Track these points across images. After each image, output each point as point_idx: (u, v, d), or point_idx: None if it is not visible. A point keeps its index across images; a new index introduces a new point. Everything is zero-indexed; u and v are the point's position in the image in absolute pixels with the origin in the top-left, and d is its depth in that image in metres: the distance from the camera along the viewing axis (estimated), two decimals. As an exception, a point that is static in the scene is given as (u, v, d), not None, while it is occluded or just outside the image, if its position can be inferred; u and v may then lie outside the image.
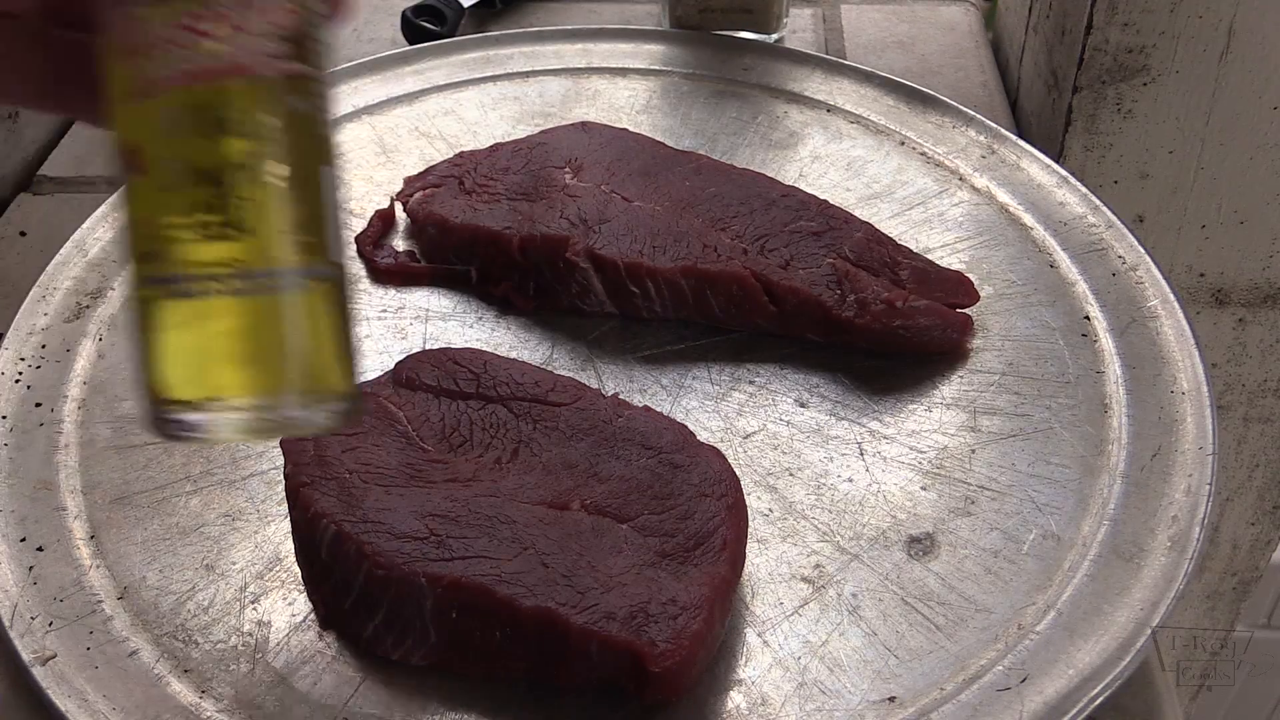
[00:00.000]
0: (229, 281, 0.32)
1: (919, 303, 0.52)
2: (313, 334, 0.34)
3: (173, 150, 0.33)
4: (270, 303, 0.33)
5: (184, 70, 0.32)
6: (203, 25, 0.32)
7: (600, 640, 0.39)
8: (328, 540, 0.42)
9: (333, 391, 0.34)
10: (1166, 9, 0.64)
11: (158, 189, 0.33)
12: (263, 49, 0.33)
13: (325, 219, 0.35)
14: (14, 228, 0.67)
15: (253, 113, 0.33)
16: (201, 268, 0.32)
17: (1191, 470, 0.47)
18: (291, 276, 0.33)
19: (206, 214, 0.32)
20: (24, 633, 0.42)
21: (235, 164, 0.32)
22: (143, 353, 0.33)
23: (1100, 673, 0.40)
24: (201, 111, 0.32)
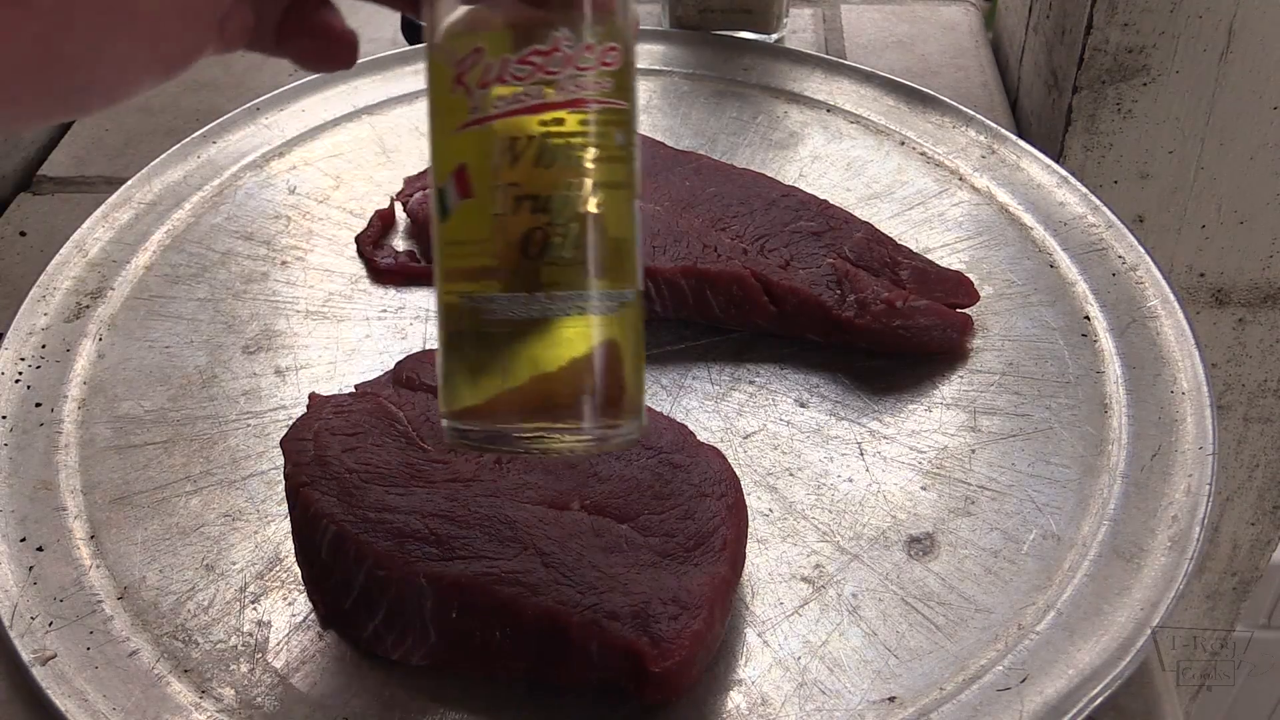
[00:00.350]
0: (547, 304, 0.34)
1: (919, 303, 0.52)
2: (621, 356, 0.36)
3: (503, 176, 0.34)
4: (587, 324, 0.35)
5: (525, 102, 0.34)
6: (545, 62, 0.34)
7: (600, 640, 0.39)
8: (328, 540, 0.42)
9: (633, 409, 0.36)
10: (1166, 9, 0.64)
11: (484, 212, 0.34)
12: (596, 85, 0.34)
13: (635, 246, 0.36)
14: (14, 228, 0.67)
15: (582, 145, 0.34)
16: (523, 290, 0.34)
17: (1191, 470, 0.47)
18: (606, 301, 0.35)
19: (531, 239, 0.34)
20: (24, 633, 0.42)
21: (562, 193, 0.34)
22: (453, 367, 0.36)
23: (1100, 673, 0.40)
24: (535, 141, 0.34)
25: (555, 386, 0.35)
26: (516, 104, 0.34)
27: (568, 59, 0.34)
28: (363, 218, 0.61)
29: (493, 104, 0.34)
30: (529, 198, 0.34)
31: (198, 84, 0.77)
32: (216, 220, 0.62)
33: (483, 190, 0.35)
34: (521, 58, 0.34)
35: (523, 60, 0.34)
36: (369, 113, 0.69)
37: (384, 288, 0.58)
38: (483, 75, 0.34)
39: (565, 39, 0.34)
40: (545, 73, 0.34)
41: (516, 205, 0.34)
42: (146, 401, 0.52)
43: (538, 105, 0.34)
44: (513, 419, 0.35)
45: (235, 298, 0.57)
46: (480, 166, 0.35)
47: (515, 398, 0.35)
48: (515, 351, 0.35)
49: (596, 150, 0.35)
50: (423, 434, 0.45)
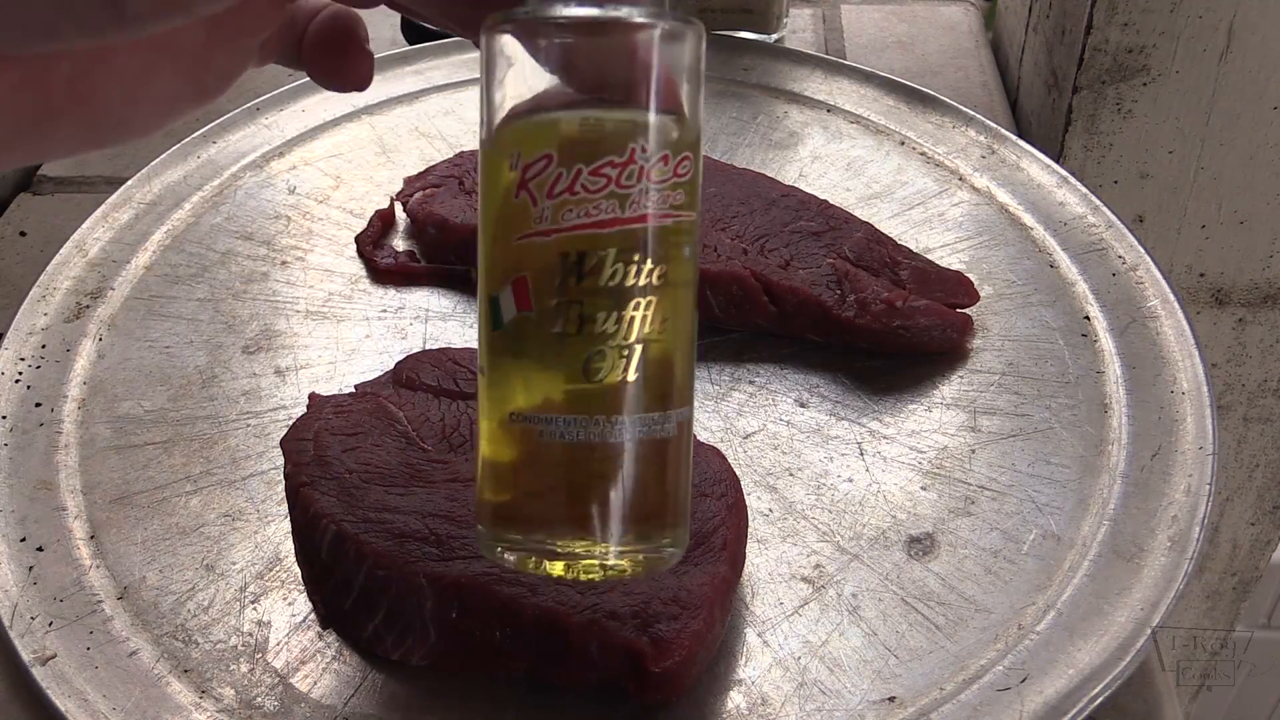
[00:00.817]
0: (607, 428, 0.32)
1: (919, 303, 0.52)
2: (678, 476, 0.34)
3: (568, 294, 0.32)
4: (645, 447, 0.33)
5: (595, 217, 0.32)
6: (619, 174, 0.32)
7: (600, 640, 0.39)
8: (328, 540, 0.42)
9: (683, 524, 0.35)
10: (1166, 9, 0.64)
11: (544, 329, 0.32)
12: (669, 199, 0.33)
13: (691, 363, 0.35)
14: (14, 228, 0.67)
15: (652, 263, 0.32)
16: (582, 413, 0.32)
17: (1191, 470, 0.47)
18: (665, 423, 0.33)
19: (593, 361, 0.32)
20: (24, 633, 0.42)
21: (629, 313, 0.32)
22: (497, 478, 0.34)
23: (1100, 673, 0.40)
24: (605, 258, 0.32)
25: (604, 506, 0.33)
26: (587, 219, 0.32)
27: (642, 172, 0.32)
28: (363, 218, 0.61)
29: (560, 216, 0.32)
30: (593, 318, 0.32)
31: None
32: (216, 220, 0.62)
33: (543, 306, 0.32)
34: (595, 169, 0.32)
35: (595, 172, 0.32)
36: (369, 113, 0.69)
37: (384, 288, 0.58)
38: (552, 185, 0.32)
39: (641, 149, 0.32)
40: (619, 185, 0.32)
41: (579, 324, 0.32)
42: (146, 401, 0.52)
43: (610, 221, 0.32)
44: (556, 532, 0.34)
45: (235, 298, 0.57)
46: (542, 280, 0.32)
47: (562, 512, 0.34)
48: (567, 469, 0.33)
49: (665, 266, 0.33)
50: (423, 434, 0.45)
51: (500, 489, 0.34)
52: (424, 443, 0.45)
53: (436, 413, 0.46)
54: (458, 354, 0.49)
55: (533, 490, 0.34)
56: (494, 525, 0.34)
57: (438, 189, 0.60)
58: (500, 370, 0.34)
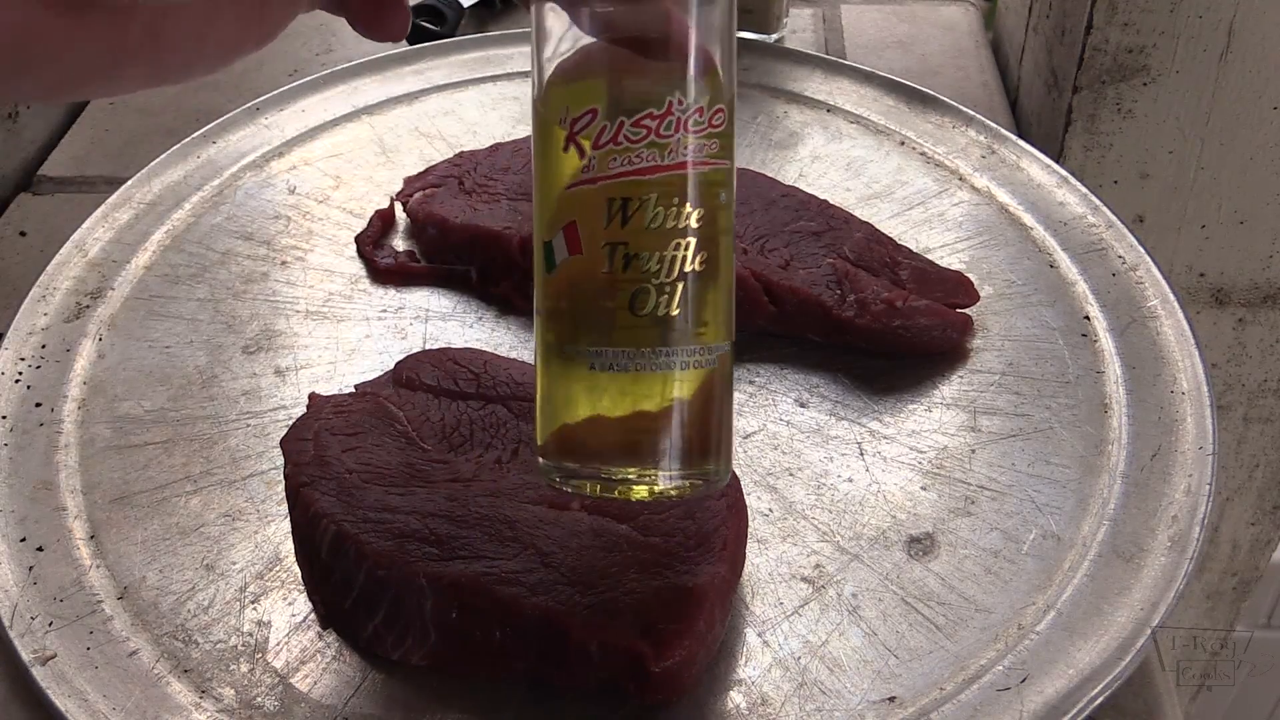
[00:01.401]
0: (652, 358, 0.36)
1: (919, 303, 0.52)
2: (717, 405, 0.37)
3: (614, 235, 0.35)
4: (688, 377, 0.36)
5: (638, 165, 0.35)
6: (658, 125, 0.35)
7: (600, 640, 0.39)
8: (328, 540, 0.42)
9: (725, 455, 0.38)
10: (1166, 9, 0.64)
11: (594, 269, 0.36)
12: (706, 147, 0.36)
13: (730, 300, 0.38)
14: (14, 228, 0.67)
15: (690, 206, 0.35)
16: (629, 345, 0.35)
17: (1191, 470, 0.47)
18: (706, 354, 0.37)
19: (638, 297, 0.35)
20: (24, 633, 0.42)
21: (670, 253, 0.35)
22: (556, 408, 0.37)
23: (1100, 673, 0.40)
24: (646, 202, 0.35)
25: (653, 433, 0.36)
26: (630, 166, 0.35)
27: (680, 123, 0.35)
28: (363, 218, 0.61)
29: (606, 165, 0.35)
30: (637, 257, 0.35)
31: (198, 84, 0.77)
32: (216, 220, 0.62)
33: (592, 248, 0.35)
34: (636, 120, 0.35)
35: (637, 123, 0.35)
36: (369, 113, 0.69)
37: (384, 288, 0.58)
38: (597, 136, 0.35)
39: (678, 102, 0.35)
40: (658, 135, 0.35)
41: (625, 263, 0.35)
42: (146, 401, 0.52)
43: (651, 168, 0.35)
44: (610, 459, 0.37)
45: (235, 298, 0.57)
46: (590, 225, 0.35)
47: (614, 440, 0.37)
48: (618, 399, 0.36)
49: (703, 210, 0.36)
50: (423, 434, 0.45)
51: (557, 420, 0.37)
52: (424, 443, 0.45)
53: (436, 413, 0.46)
54: (458, 354, 0.49)
55: (587, 419, 0.37)
56: (552, 455, 0.38)
57: (438, 189, 0.60)
58: (555, 309, 0.37)
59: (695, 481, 0.37)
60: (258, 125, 0.67)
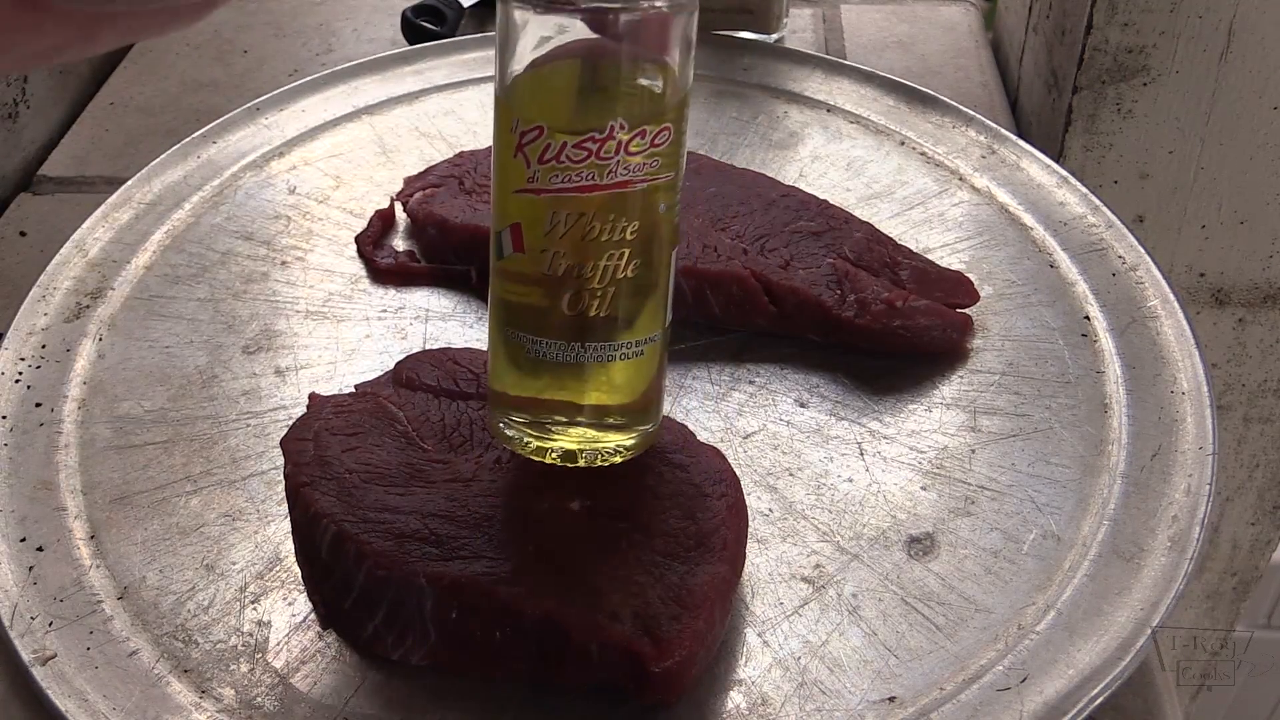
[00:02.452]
0: (582, 352, 0.39)
1: (919, 303, 0.52)
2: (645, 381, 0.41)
3: (551, 244, 0.38)
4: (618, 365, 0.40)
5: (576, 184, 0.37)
6: (599, 148, 0.36)
7: (600, 640, 0.39)
8: (328, 540, 0.42)
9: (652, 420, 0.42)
10: (1166, 9, 0.64)
11: (534, 268, 0.38)
12: (646, 166, 0.37)
13: (663, 296, 0.41)
14: (14, 228, 0.67)
15: (626, 220, 0.37)
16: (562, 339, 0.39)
17: (1191, 470, 0.47)
18: (636, 347, 0.40)
19: (572, 300, 0.38)
20: (24, 633, 0.42)
21: (603, 263, 0.38)
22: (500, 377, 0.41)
23: (1100, 673, 0.40)
24: (582, 219, 0.37)
25: (586, 412, 0.41)
26: (570, 184, 0.37)
27: (621, 145, 0.36)
28: (363, 218, 0.61)
29: (548, 180, 0.37)
30: (573, 265, 0.38)
31: (198, 84, 0.77)
32: (216, 220, 0.62)
33: (533, 250, 0.38)
34: (578, 143, 0.36)
35: (579, 145, 0.36)
36: (369, 113, 0.69)
37: (384, 288, 0.58)
38: (541, 152, 0.37)
39: (620, 126, 0.36)
40: (599, 158, 0.36)
41: (562, 270, 0.38)
42: (146, 401, 0.52)
43: (590, 187, 0.37)
44: (544, 429, 0.41)
45: (235, 298, 0.57)
46: (532, 230, 0.38)
47: (549, 414, 0.41)
48: (552, 382, 0.40)
49: (640, 222, 0.38)
50: (423, 434, 0.45)
51: (502, 382, 0.41)
52: (424, 443, 0.45)
53: (436, 413, 0.46)
54: (458, 354, 0.49)
55: (523, 390, 0.41)
56: (497, 409, 0.42)
57: (438, 189, 0.60)
58: (502, 292, 0.40)
59: (623, 450, 0.41)
60: (258, 125, 0.67)
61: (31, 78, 0.73)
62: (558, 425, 0.41)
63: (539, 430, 0.41)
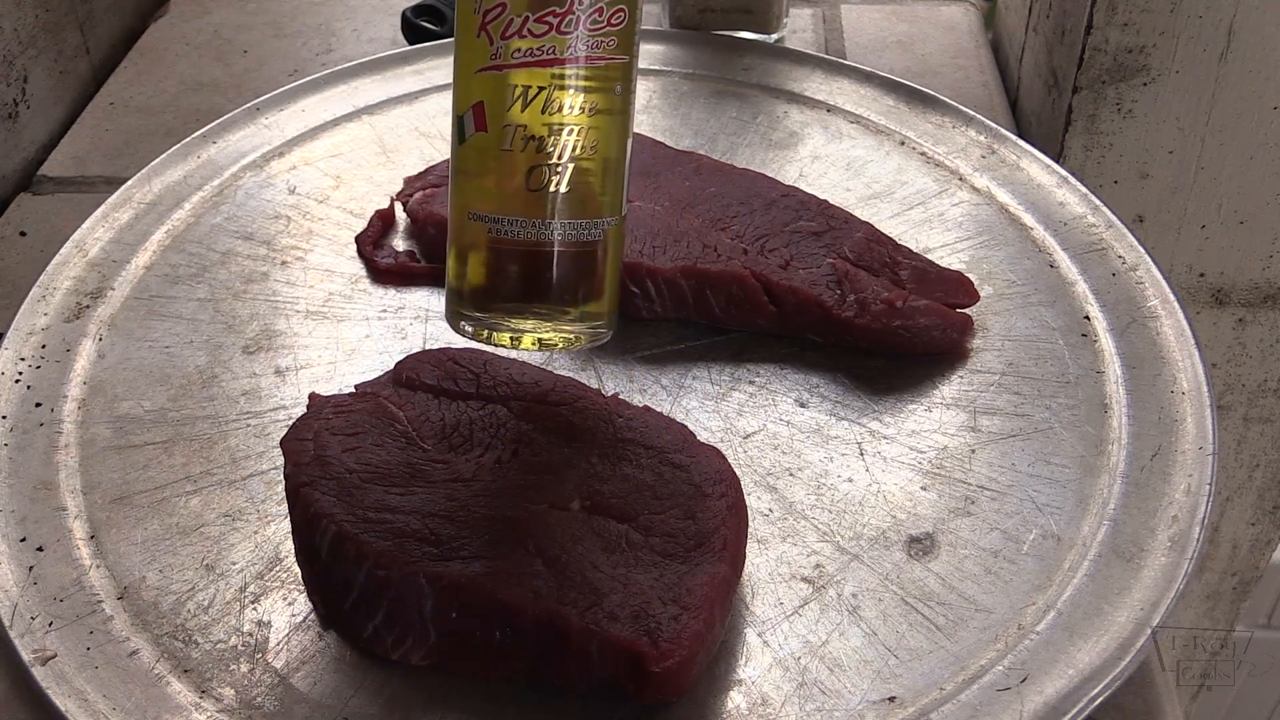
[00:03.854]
0: (543, 228, 0.41)
1: (919, 303, 0.52)
2: (600, 267, 0.43)
3: (514, 118, 0.40)
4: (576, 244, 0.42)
5: (537, 56, 0.40)
6: (559, 21, 0.39)
7: (600, 640, 0.39)
8: (328, 540, 0.42)
9: (608, 310, 0.44)
10: (1166, 9, 0.64)
11: (495, 146, 0.41)
12: (602, 43, 0.40)
13: (622, 181, 0.43)
14: (14, 228, 0.67)
15: (585, 95, 0.40)
16: (523, 215, 0.41)
17: (1191, 470, 0.47)
18: (593, 227, 0.42)
19: (533, 174, 0.41)
20: (24, 633, 0.42)
21: (563, 137, 0.40)
22: (460, 266, 0.43)
23: (1100, 673, 0.40)
24: (543, 91, 0.40)
25: (540, 291, 0.43)
26: (530, 57, 0.40)
27: (578, 20, 0.40)
28: (363, 218, 0.61)
29: (510, 54, 0.40)
30: (534, 139, 0.40)
31: (198, 84, 0.77)
32: (216, 220, 0.62)
33: (495, 128, 0.41)
34: (539, 16, 0.39)
35: (539, 18, 0.39)
36: (369, 113, 0.69)
37: (384, 288, 0.58)
38: (504, 28, 0.40)
39: (578, 2, 0.39)
40: (558, 31, 0.39)
41: (524, 144, 0.40)
42: (146, 401, 0.52)
43: (548, 60, 0.40)
44: (502, 311, 0.43)
45: (235, 298, 0.57)
46: (495, 107, 0.41)
47: (507, 294, 0.43)
48: (511, 259, 0.42)
49: (597, 100, 0.41)
50: (423, 434, 0.45)
51: (462, 273, 0.43)
52: (424, 443, 0.45)
53: (436, 413, 0.46)
54: (458, 354, 0.49)
55: (485, 274, 0.43)
56: (456, 303, 0.44)
57: (438, 189, 0.60)
58: (464, 177, 0.42)
59: (580, 333, 0.44)
60: (258, 125, 0.67)
61: (31, 77, 0.73)
62: (515, 314, 0.43)
63: (497, 321, 0.43)
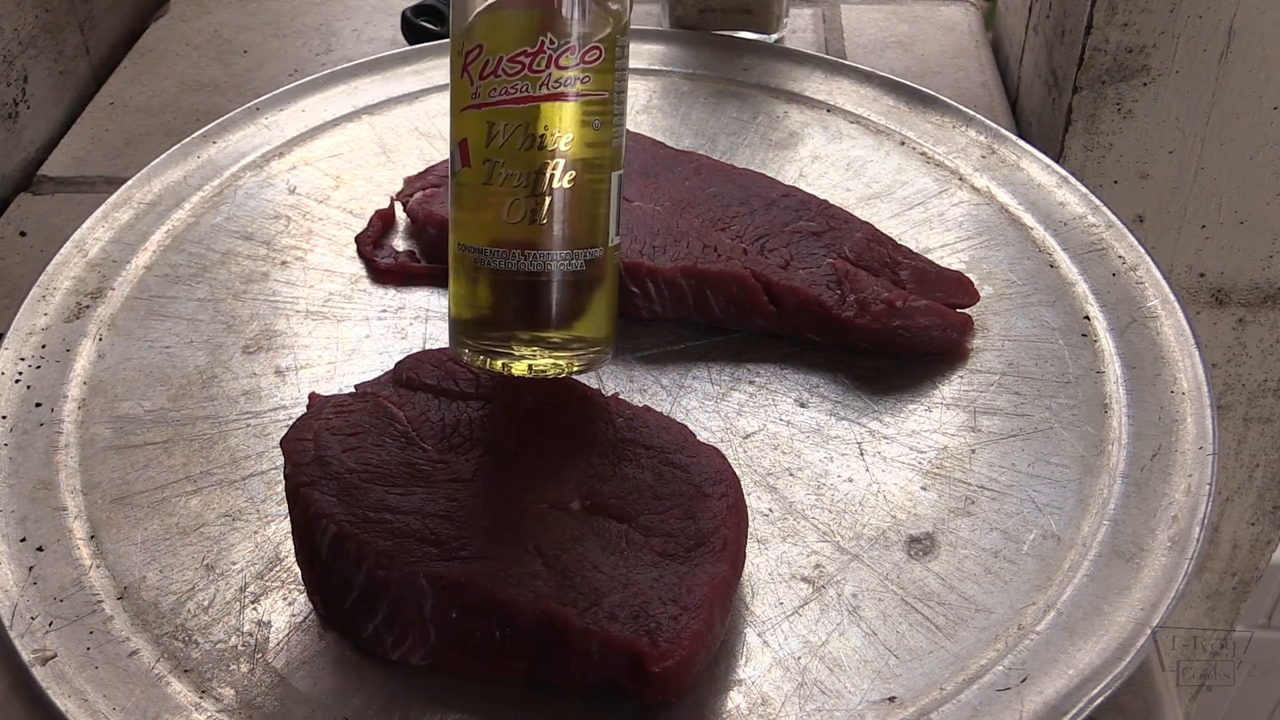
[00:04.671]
0: (522, 261, 0.42)
1: (919, 303, 0.52)
2: (585, 296, 0.44)
3: (492, 153, 0.42)
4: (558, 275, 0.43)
5: (511, 95, 0.41)
6: (531, 61, 0.41)
7: (600, 640, 0.39)
8: (328, 540, 0.42)
9: (594, 339, 0.45)
10: (1166, 9, 0.64)
11: (477, 181, 0.43)
12: (576, 82, 0.42)
13: (606, 212, 0.44)
14: (14, 228, 0.67)
15: (559, 132, 0.42)
16: (502, 247, 0.42)
17: (1191, 470, 0.47)
18: (572, 260, 0.43)
19: (511, 208, 0.42)
20: (24, 633, 0.42)
21: (537, 173, 0.42)
22: (456, 292, 0.45)
23: (1100, 673, 0.40)
24: (519, 128, 0.42)
25: (527, 320, 0.44)
26: (504, 96, 0.41)
27: (550, 59, 0.41)
28: (363, 218, 0.61)
29: (488, 94, 0.41)
30: (512, 174, 0.42)
31: (198, 84, 0.77)
32: (216, 220, 0.62)
33: (476, 163, 0.42)
34: (511, 56, 0.41)
35: (512, 59, 0.41)
36: (369, 113, 0.69)
37: (384, 288, 0.58)
38: (482, 68, 0.41)
39: (549, 42, 0.41)
40: (531, 71, 0.41)
41: (503, 179, 0.42)
42: (146, 401, 0.52)
43: (523, 98, 0.41)
44: (493, 340, 0.44)
45: (235, 298, 0.57)
46: (476, 143, 0.42)
47: (495, 324, 0.44)
48: (496, 290, 0.43)
49: (571, 136, 0.42)
50: (423, 434, 0.45)
51: (459, 302, 0.45)
52: (424, 443, 0.45)
53: (436, 413, 0.46)
54: (458, 354, 0.49)
55: (476, 305, 0.44)
56: (456, 329, 0.45)
57: (438, 189, 0.60)
58: (456, 210, 0.44)
59: (570, 360, 0.44)
60: (258, 125, 0.67)
61: (31, 77, 0.73)
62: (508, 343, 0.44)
63: (491, 348, 0.44)
